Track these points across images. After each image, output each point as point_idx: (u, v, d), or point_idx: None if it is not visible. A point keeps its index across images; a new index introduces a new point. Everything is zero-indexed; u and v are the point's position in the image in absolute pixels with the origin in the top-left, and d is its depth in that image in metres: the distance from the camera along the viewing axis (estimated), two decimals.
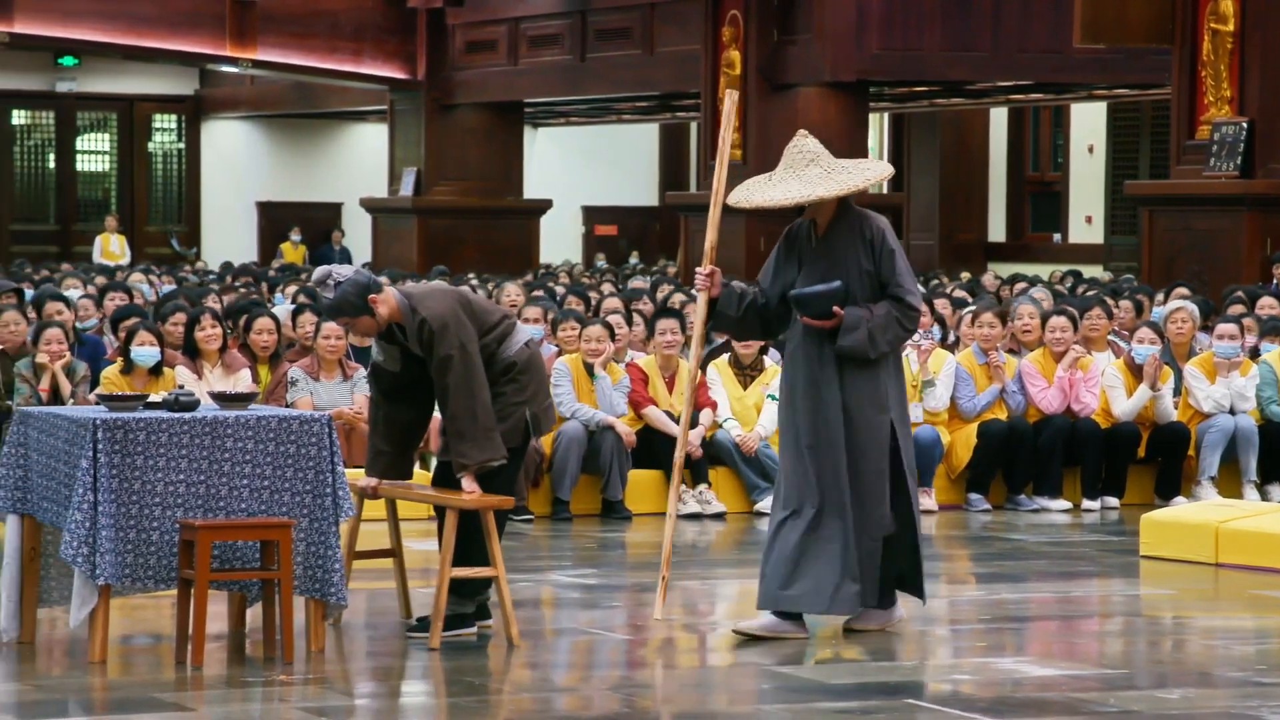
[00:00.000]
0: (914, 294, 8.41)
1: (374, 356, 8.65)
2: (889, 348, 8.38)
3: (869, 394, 8.39)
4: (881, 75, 23.56)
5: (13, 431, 8.27)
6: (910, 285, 8.42)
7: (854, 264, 8.43)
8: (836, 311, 8.35)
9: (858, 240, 8.47)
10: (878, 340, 8.33)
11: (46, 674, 7.82)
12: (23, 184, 34.46)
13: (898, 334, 8.37)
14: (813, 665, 8.19)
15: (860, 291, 8.41)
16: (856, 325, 8.32)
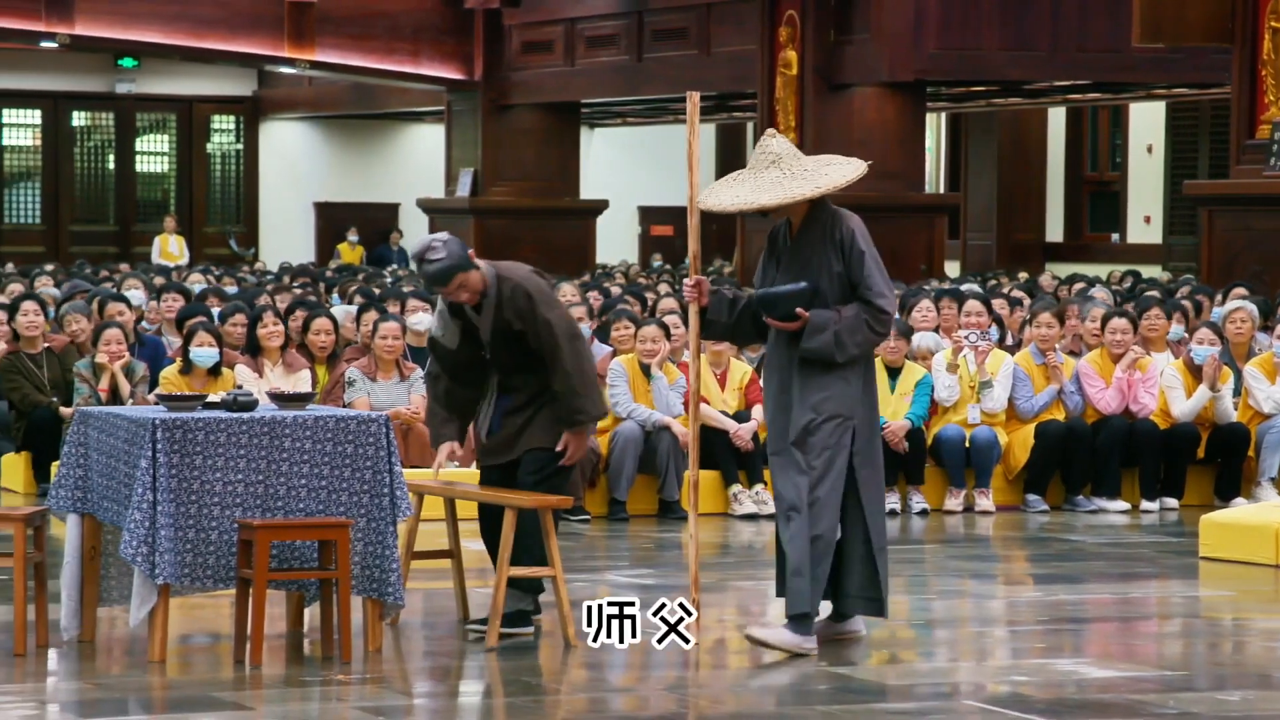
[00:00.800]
0: (884, 296, 8.14)
1: (433, 331, 8.64)
2: (858, 350, 8.14)
3: (836, 397, 8.16)
4: (939, 75, 23.49)
5: (73, 431, 8.32)
6: (880, 287, 8.15)
7: (825, 265, 8.21)
8: (800, 313, 8.13)
9: (828, 241, 8.25)
10: (845, 343, 8.10)
11: (106, 673, 7.87)
12: (83, 185, 34.65)
13: (867, 336, 8.13)
14: (869, 666, 8.17)
15: (832, 293, 8.18)
16: (823, 327, 8.10)
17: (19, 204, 34.27)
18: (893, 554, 11.37)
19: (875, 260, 8.22)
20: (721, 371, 12.84)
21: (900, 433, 12.68)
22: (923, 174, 24.99)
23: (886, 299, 8.16)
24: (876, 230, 22.47)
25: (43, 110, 34.12)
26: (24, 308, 13.42)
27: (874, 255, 8.24)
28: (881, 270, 8.23)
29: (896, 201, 23.48)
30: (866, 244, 8.25)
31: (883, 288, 8.17)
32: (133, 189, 34.87)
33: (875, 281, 8.17)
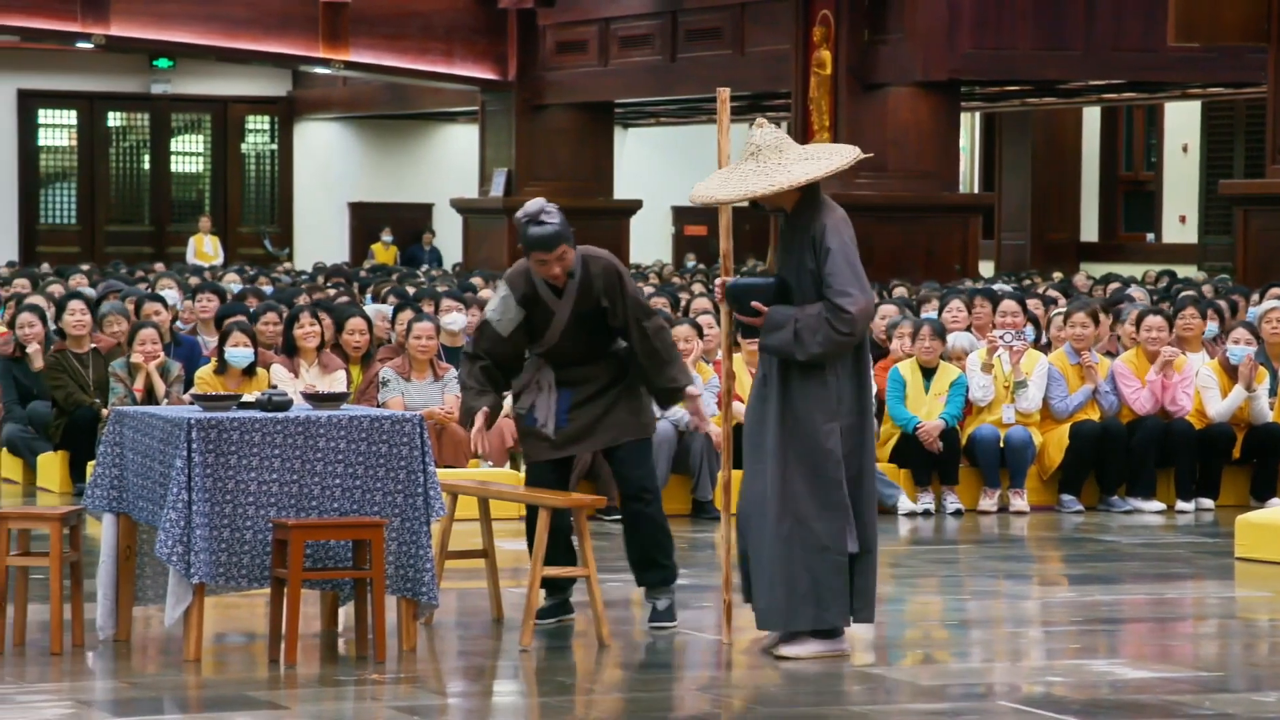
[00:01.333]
0: (847, 295, 7.80)
1: (489, 313, 8.56)
2: (819, 349, 7.82)
3: (817, 400, 7.94)
4: (973, 75, 23.45)
5: (109, 431, 8.34)
6: (843, 285, 7.82)
7: (801, 261, 7.99)
8: (759, 308, 7.93)
9: (806, 237, 8.00)
10: (805, 341, 7.82)
11: (142, 672, 7.89)
12: (118, 185, 34.75)
13: (829, 336, 7.80)
14: (903, 666, 8.16)
15: (804, 291, 7.94)
16: (781, 324, 7.86)
17: (55, 204, 34.38)
18: (928, 554, 11.39)
19: (846, 257, 7.90)
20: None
21: (935, 432, 12.67)
22: (957, 174, 24.95)
23: (850, 298, 7.82)
24: (911, 230, 22.40)
25: (78, 111, 34.23)
26: (71, 307, 13.46)
27: (846, 252, 7.91)
28: (853, 268, 7.89)
29: (931, 201, 23.45)
30: (839, 240, 7.93)
31: (847, 286, 7.84)
32: (168, 189, 34.96)
33: (839, 279, 7.85)
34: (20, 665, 7.88)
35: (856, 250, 7.98)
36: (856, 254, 7.96)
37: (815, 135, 23.44)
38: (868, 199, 23.14)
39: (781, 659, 8.04)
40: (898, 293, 18.03)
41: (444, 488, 8.44)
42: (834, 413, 7.95)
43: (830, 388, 7.96)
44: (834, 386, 7.96)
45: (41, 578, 8.59)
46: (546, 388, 8.57)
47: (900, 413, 12.80)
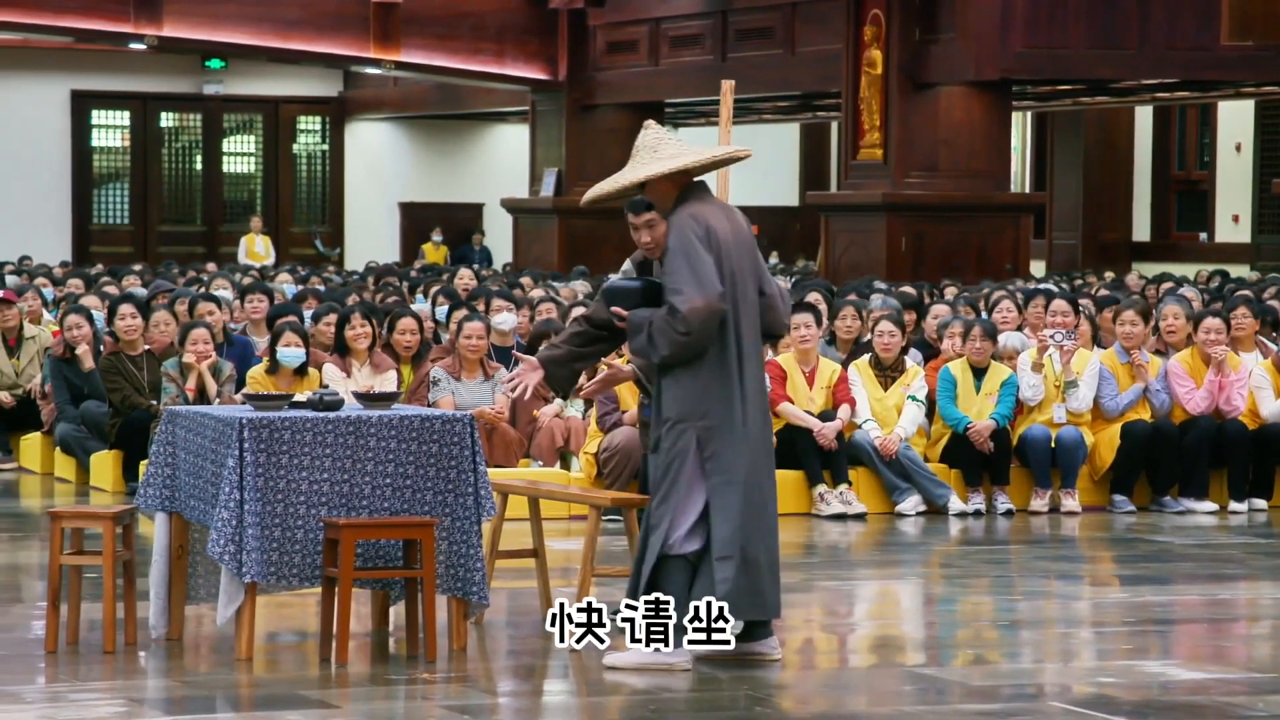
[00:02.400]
0: (680, 293, 7.63)
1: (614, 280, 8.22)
2: (668, 351, 7.67)
3: (675, 400, 7.81)
4: (1025, 74, 23.37)
5: (161, 430, 8.37)
6: (677, 284, 7.66)
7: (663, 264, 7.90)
8: (618, 312, 7.84)
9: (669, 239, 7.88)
10: (657, 344, 7.69)
11: (194, 670, 7.92)
12: (171, 185, 34.88)
13: (671, 337, 7.66)
14: (954, 667, 8.14)
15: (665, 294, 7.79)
16: (640, 328, 7.75)
17: (108, 204, 34.54)
18: (978, 555, 11.36)
19: (685, 254, 7.72)
20: (810, 369, 12.81)
21: (985, 432, 12.64)
22: (1008, 173, 24.87)
23: (682, 296, 7.65)
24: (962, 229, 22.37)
25: (131, 111, 34.38)
26: (121, 311, 13.52)
27: (685, 249, 7.73)
28: (692, 265, 7.70)
29: (982, 201, 23.38)
30: (679, 238, 7.75)
31: (681, 284, 7.67)
32: (220, 189, 35.09)
33: (673, 279, 7.69)
34: (74, 663, 7.92)
35: (702, 246, 7.75)
36: (699, 250, 7.74)
37: (866, 135, 23.41)
38: (919, 199, 23.09)
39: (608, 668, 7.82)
40: (949, 292, 17.98)
41: (494, 487, 8.45)
42: (691, 414, 7.80)
43: (687, 389, 7.81)
44: (684, 385, 7.82)
45: (95, 576, 8.63)
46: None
47: (951, 412, 12.77)
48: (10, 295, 15.19)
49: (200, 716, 7.20)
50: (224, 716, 7.30)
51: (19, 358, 14.74)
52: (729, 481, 7.82)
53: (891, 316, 13.05)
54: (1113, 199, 30.95)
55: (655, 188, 7.91)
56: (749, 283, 7.89)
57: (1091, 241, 30.72)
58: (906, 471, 12.61)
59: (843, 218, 24.02)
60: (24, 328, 14.85)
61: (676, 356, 7.73)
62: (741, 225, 7.99)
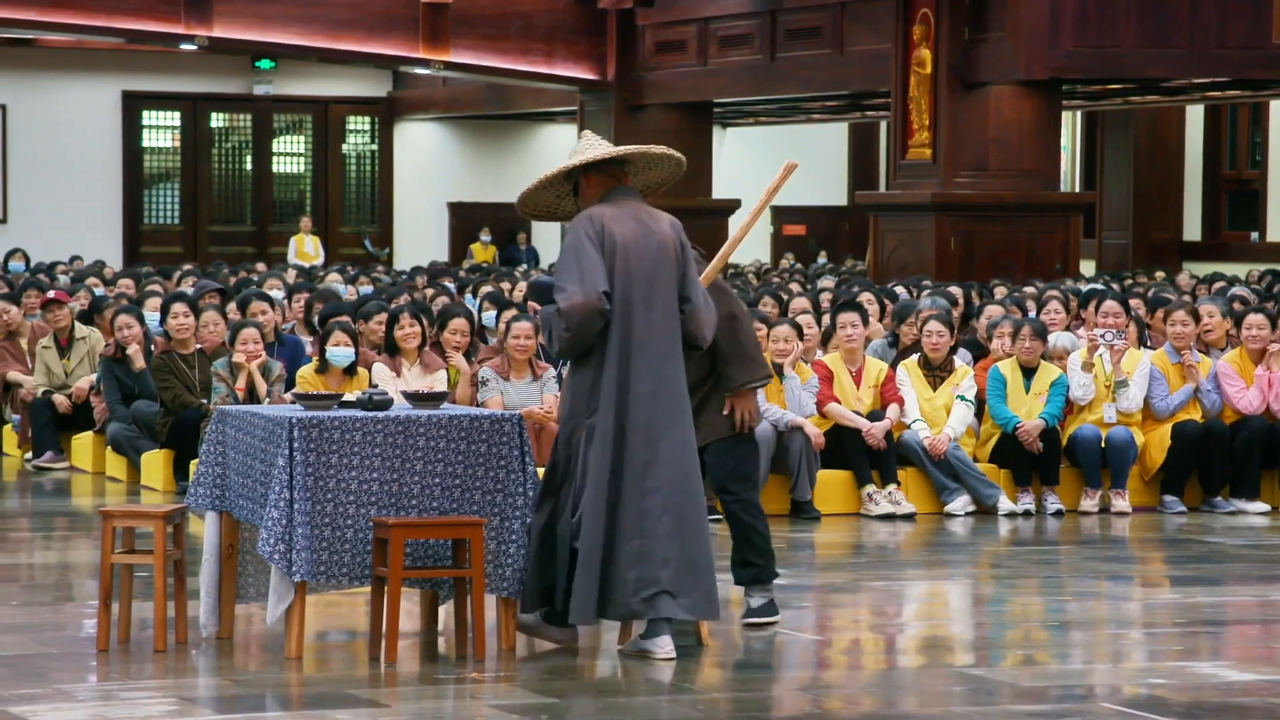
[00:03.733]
0: (564, 291, 7.85)
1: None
2: (557, 346, 7.94)
3: (572, 397, 8.05)
4: (1075, 73, 23.30)
5: (211, 430, 8.40)
6: (562, 282, 7.88)
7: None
8: (533, 307, 8.14)
9: None
10: (551, 339, 7.97)
11: (244, 669, 7.94)
12: (221, 186, 35.00)
13: (558, 334, 7.90)
14: (1003, 667, 8.12)
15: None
16: (546, 324, 8.03)
17: (159, 205, 34.68)
18: (1028, 555, 11.33)
19: (575, 253, 7.92)
20: (857, 369, 12.80)
21: (1034, 432, 12.61)
22: (1058, 173, 24.79)
23: (565, 294, 7.87)
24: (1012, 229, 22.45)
25: (182, 112, 34.51)
26: (174, 309, 13.57)
27: (573, 246, 7.93)
28: (578, 262, 7.89)
29: (1032, 200, 23.31)
30: (572, 236, 7.98)
31: (565, 282, 7.88)
32: (269, 189, 35.19)
33: (560, 276, 7.94)
34: (125, 662, 7.95)
35: (592, 245, 7.90)
36: (588, 248, 7.90)
37: (915, 134, 23.36)
38: (969, 198, 23.04)
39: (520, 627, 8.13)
40: (999, 292, 17.94)
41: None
42: (581, 411, 8.01)
43: (579, 386, 8.04)
44: (582, 385, 8.03)
45: (146, 575, 8.67)
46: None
47: (1001, 412, 12.74)
48: (62, 296, 15.27)
49: (250, 715, 7.22)
50: (274, 715, 7.32)
51: (70, 358, 14.82)
52: (598, 480, 7.93)
53: (940, 316, 13.02)
54: (1163, 198, 30.83)
55: (585, 192, 8.14)
56: (656, 287, 8.01)
57: (1142, 241, 30.59)
58: (955, 471, 12.58)
59: (891, 217, 23.98)
60: (75, 328, 14.93)
61: (564, 352, 8.01)
62: (662, 231, 8.11)
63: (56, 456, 14.51)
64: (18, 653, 8.07)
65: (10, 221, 33.03)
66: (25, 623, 8.74)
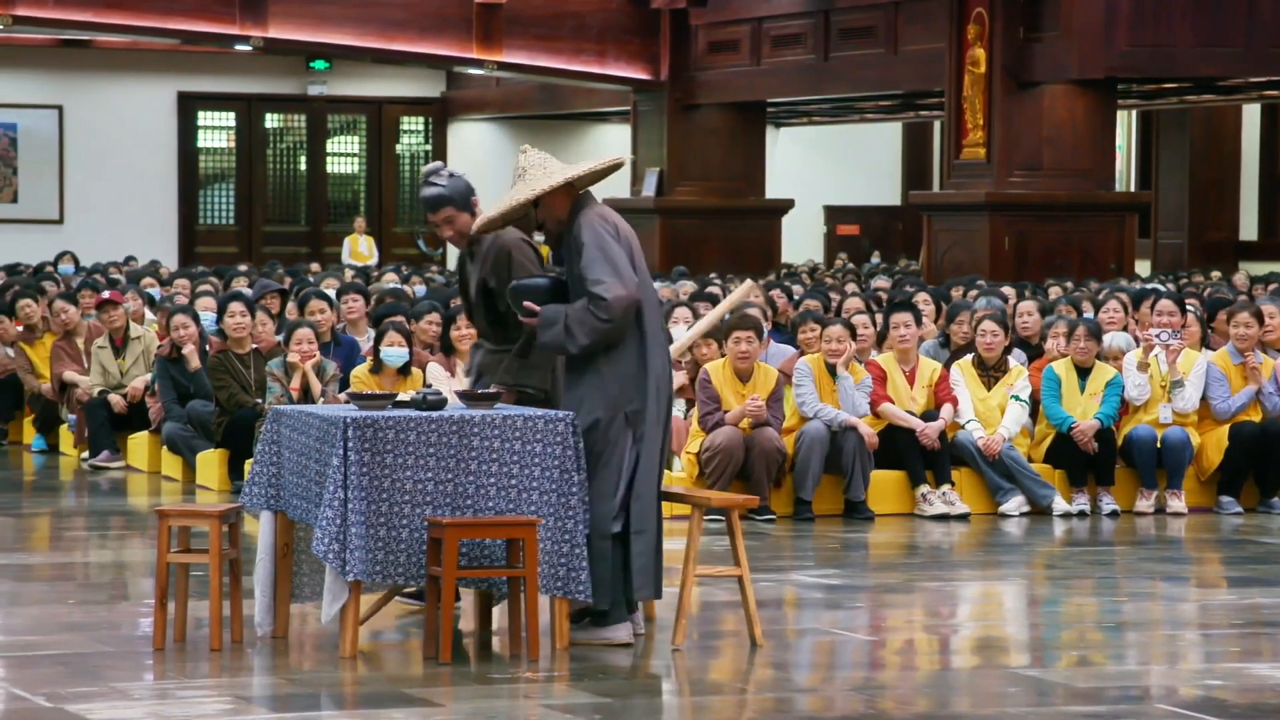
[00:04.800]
0: (601, 282, 8.05)
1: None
2: (588, 340, 8.09)
3: (589, 393, 8.18)
4: (1130, 72, 23.20)
5: (266, 429, 8.43)
6: (596, 274, 8.07)
7: (571, 266, 8.25)
8: (530, 307, 8.21)
9: (570, 242, 8.27)
10: (575, 333, 8.09)
11: (299, 668, 7.97)
12: (275, 186, 35.11)
13: (594, 325, 8.06)
14: (1058, 668, 8.10)
15: (577, 294, 8.18)
16: (554, 321, 8.13)
17: (214, 205, 34.82)
18: (1083, 556, 11.30)
19: (599, 248, 8.13)
20: (910, 369, 12.77)
21: (1089, 432, 12.56)
22: (1113, 172, 24.69)
23: (603, 284, 8.06)
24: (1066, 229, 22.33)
25: (237, 113, 34.64)
26: (231, 309, 13.63)
27: (599, 243, 8.14)
28: (608, 258, 8.12)
29: (1086, 200, 23.23)
30: (591, 233, 8.16)
31: (600, 274, 8.07)
32: (324, 190, 35.29)
33: (592, 269, 8.10)
34: (181, 661, 7.99)
35: (616, 242, 8.17)
36: (614, 245, 8.16)
37: (969, 134, 23.29)
38: (1023, 197, 22.96)
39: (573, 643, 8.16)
40: (1054, 292, 17.88)
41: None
42: (619, 402, 8.16)
43: (610, 380, 8.17)
44: (614, 378, 8.17)
45: (201, 574, 8.71)
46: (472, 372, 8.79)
47: (1056, 412, 12.70)
48: (116, 296, 15.34)
49: (305, 714, 7.25)
50: (328, 714, 7.34)
51: (124, 358, 14.89)
52: (651, 466, 8.18)
53: (994, 316, 12.98)
54: (1219, 198, 30.67)
55: (549, 204, 8.31)
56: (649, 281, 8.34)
57: (1197, 241, 30.46)
58: (1010, 472, 12.54)
59: (945, 217, 23.92)
60: (130, 328, 15.00)
61: (596, 344, 8.12)
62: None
63: (112, 456, 14.58)
64: (74, 651, 8.12)
65: (67, 222, 33.21)
66: (82, 621, 8.78)
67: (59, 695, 7.30)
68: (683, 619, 8.27)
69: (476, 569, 8.10)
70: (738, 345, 12.24)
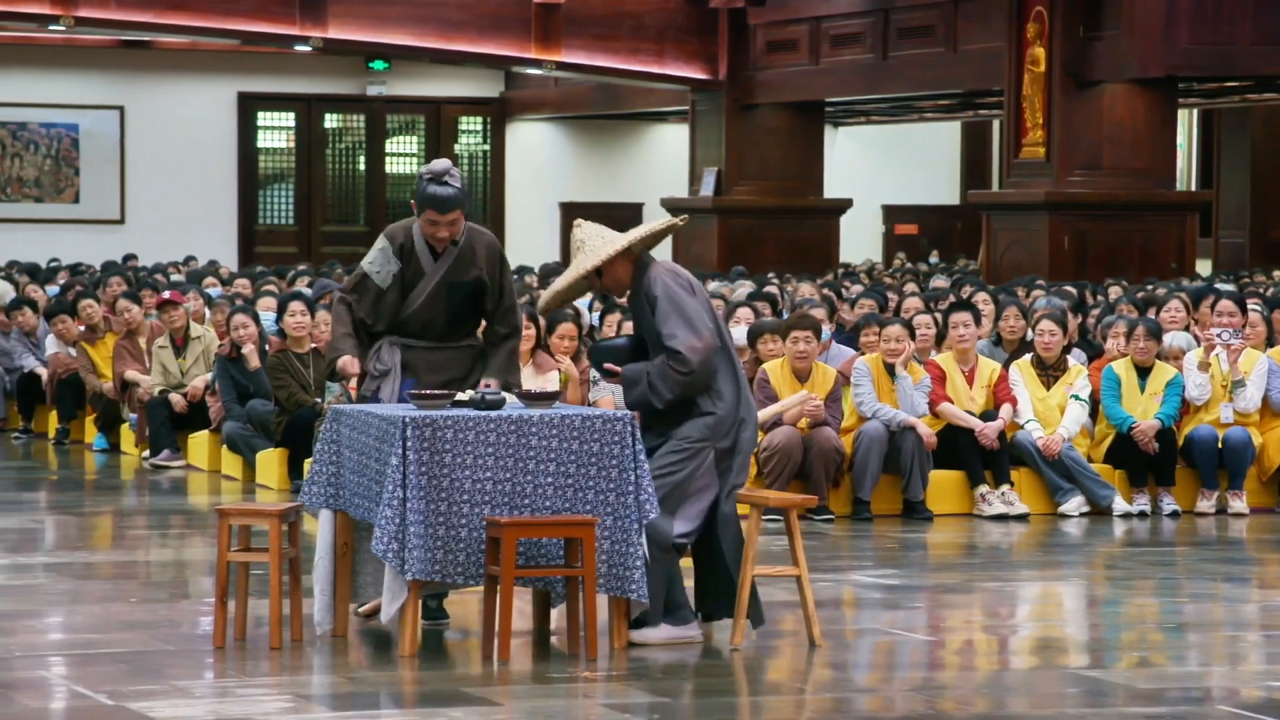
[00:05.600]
0: (675, 336, 8.25)
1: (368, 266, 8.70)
2: (673, 395, 8.27)
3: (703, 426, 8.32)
4: (1191, 70, 23.10)
5: (325, 429, 8.46)
6: (671, 328, 8.27)
7: (646, 323, 8.41)
8: (611, 369, 8.40)
9: (643, 300, 8.41)
10: (659, 390, 8.28)
11: (359, 667, 7.99)
12: (334, 186, 35.24)
13: (674, 380, 8.25)
14: (1118, 669, 8.06)
15: (655, 349, 8.36)
16: (637, 381, 8.33)
17: (273, 205, 34.96)
18: (1143, 556, 11.25)
19: (671, 301, 8.31)
20: (969, 369, 12.74)
21: (1150, 432, 12.51)
22: (1173, 171, 24.59)
23: (677, 338, 8.24)
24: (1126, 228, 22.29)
25: (296, 113, 34.77)
26: (291, 308, 13.68)
27: (671, 297, 8.32)
28: (680, 311, 8.30)
29: (1147, 199, 23.13)
30: (662, 287, 8.33)
31: (675, 329, 8.26)
32: (382, 190, 35.40)
33: (667, 324, 8.28)
34: (241, 659, 8.02)
35: (689, 294, 8.34)
36: (686, 297, 8.34)
37: (1028, 133, 23.22)
38: (1083, 197, 22.88)
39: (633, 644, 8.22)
40: (1113, 292, 17.80)
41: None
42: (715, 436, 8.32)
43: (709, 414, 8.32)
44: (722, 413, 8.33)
45: (261, 573, 8.74)
46: (393, 371, 8.71)
47: (1116, 412, 12.65)
48: (177, 296, 15.42)
49: (365, 713, 7.27)
50: (388, 713, 7.36)
51: (185, 357, 14.96)
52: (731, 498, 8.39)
53: (1054, 315, 12.93)
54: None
55: (611, 270, 8.45)
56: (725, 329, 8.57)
57: (1259, 239, 30.30)
58: (1070, 472, 12.50)
59: (1004, 216, 23.84)
60: (190, 328, 15.07)
61: (680, 397, 8.31)
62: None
63: (173, 455, 14.65)
64: (135, 649, 8.16)
65: (128, 222, 33.40)
66: (143, 620, 8.83)
67: (120, 693, 7.34)
68: (741, 619, 8.27)
69: (534, 568, 8.11)
70: (796, 345, 12.23)
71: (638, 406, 8.38)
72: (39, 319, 16.96)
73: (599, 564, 8.07)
